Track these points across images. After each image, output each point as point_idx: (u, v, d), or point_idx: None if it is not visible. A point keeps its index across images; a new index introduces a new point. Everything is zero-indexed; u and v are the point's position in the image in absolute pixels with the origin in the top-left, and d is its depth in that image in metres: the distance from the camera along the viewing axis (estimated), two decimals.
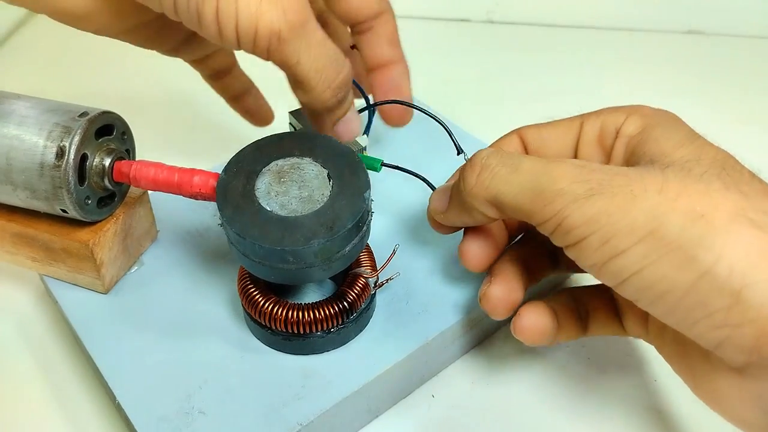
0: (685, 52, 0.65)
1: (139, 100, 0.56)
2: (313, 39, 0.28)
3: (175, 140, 0.52)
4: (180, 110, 0.55)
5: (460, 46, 0.67)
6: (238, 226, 0.27)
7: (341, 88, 0.29)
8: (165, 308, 0.33)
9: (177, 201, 0.36)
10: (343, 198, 0.28)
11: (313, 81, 0.28)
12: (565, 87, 0.60)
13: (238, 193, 0.28)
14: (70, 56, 0.62)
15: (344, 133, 0.32)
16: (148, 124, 0.53)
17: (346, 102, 0.31)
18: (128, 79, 0.59)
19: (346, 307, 0.30)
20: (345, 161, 0.29)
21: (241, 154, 0.29)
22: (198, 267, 0.35)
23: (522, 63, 0.64)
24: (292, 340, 0.30)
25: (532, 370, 0.35)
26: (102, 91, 0.57)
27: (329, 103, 0.30)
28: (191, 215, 0.39)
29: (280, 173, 0.29)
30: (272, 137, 0.30)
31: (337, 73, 0.29)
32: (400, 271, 0.34)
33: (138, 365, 0.30)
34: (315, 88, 0.29)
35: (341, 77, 0.29)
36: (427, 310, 0.33)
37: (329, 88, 0.29)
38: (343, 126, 0.32)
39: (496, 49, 0.66)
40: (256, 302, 0.30)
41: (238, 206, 0.28)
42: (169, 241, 0.37)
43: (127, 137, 0.33)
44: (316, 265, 0.28)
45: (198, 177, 0.30)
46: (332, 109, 0.30)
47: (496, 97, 0.59)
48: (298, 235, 0.27)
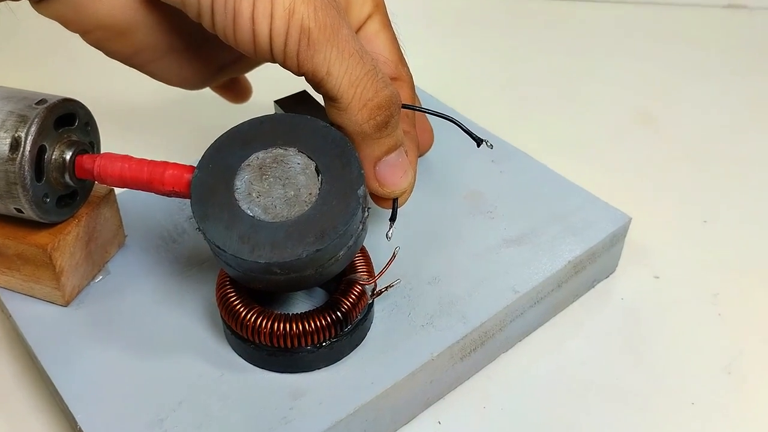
0: (725, 27, 0.66)
1: (105, 86, 0.56)
2: (347, 47, 0.28)
3: (147, 131, 0.52)
4: (153, 96, 0.55)
5: (460, 23, 0.68)
6: (216, 236, 0.27)
7: (381, 110, 0.29)
8: (134, 322, 0.33)
9: (148, 200, 0.36)
10: (333, 197, 0.28)
11: (346, 95, 0.28)
12: (595, 65, 0.60)
13: (215, 194, 0.28)
14: (29, 42, 0.63)
15: (387, 179, 0.30)
16: (115, 114, 0.54)
17: (387, 130, 0.30)
18: (93, 64, 0.59)
19: (339, 318, 0.31)
20: (335, 150, 0.29)
21: (217, 145, 0.29)
22: (171, 276, 0.36)
23: (543, 40, 0.64)
24: (279, 356, 0.31)
25: (554, 391, 0.35)
26: (64, 79, 0.58)
27: (365, 127, 0.29)
28: (164, 216, 0.39)
29: (262, 168, 0.29)
30: (252, 123, 0.30)
31: (376, 90, 0.29)
32: (401, 277, 0.34)
33: (103, 387, 0.30)
34: (348, 104, 0.29)
35: (382, 96, 0.29)
36: (432, 322, 0.33)
37: (365, 107, 0.29)
38: (385, 169, 0.30)
39: (509, 27, 0.67)
40: (237, 313, 0.31)
41: (216, 212, 0.28)
42: (139, 247, 0.37)
43: (91, 128, 0.34)
44: (305, 273, 0.28)
45: (171, 172, 0.30)
46: (370, 137, 0.29)
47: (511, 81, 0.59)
48: (285, 246, 0.27)
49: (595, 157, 0.51)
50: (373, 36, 0.34)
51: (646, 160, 0.51)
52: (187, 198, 0.29)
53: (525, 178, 0.42)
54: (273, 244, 0.27)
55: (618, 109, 0.56)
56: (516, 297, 0.35)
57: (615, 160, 0.50)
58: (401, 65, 0.35)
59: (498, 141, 0.44)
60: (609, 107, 0.56)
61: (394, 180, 0.31)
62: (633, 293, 0.40)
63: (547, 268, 0.36)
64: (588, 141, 0.52)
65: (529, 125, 0.54)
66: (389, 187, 0.31)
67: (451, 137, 0.38)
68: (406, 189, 0.31)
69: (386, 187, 0.31)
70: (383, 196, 0.31)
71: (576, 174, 0.42)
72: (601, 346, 0.37)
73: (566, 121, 0.55)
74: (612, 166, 0.50)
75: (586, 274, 0.39)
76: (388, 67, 0.34)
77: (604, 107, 0.56)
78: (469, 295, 0.35)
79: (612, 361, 0.36)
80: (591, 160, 0.50)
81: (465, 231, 0.38)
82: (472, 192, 0.41)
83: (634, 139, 0.53)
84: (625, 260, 0.41)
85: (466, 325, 0.33)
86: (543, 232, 0.38)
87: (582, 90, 0.58)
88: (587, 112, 0.56)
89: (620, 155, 0.51)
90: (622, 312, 0.39)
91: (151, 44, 0.32)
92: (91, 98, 0.35)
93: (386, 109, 0.29)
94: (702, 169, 0.50)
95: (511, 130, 0.46)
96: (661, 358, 0.37)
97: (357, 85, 0.29)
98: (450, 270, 0.36)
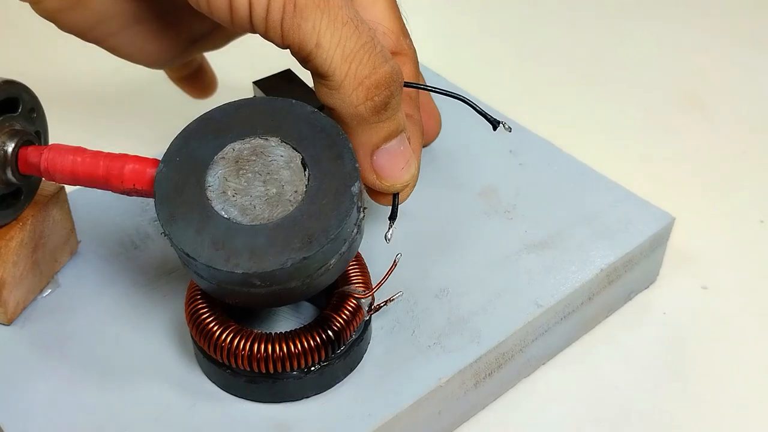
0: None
1: (54, 66, 0.56)
2: (340, 14, 0.28)
3: (103, 118, 0.52)
4: (111, 77, 0.55)
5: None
6: (184, 242, 0.27)
7: (380, 89, 0.29)
8: (88, 343, 0.33)
9: (105, 200, 0.36)
10: (323, 195, 0.28)
11: (339, 72, 0.28)
12: (630, 36, 0.60)
13: (184, 193, 0.28)
14: None
15: (386, 170, 0.30)
16: (67, 99, 0.54)
17: (387, 113, 0.29)
18: (40, 40, 0.59)
19: (331, 337, 0.30)
20: (325, 140, 0.29)
21: (185, 135, 0.29)
22: (133, 288, 0.35)
23: (567, 6, 0.64)
24: (260, 383, 0.30)
25: (585, 422, 0.34)
26: (4, 58, 0.58)
27: (361, 109, 0.29)
28: (124, 219, 0.38)
29: (239, 162, 0.29)
30: (227, 108, 0.30)
31: (375, 66, 0.28)
32: (403, 289, 0.34)
33: (52, 420, 0.30)
34: (341, 82, 0.28)
35: (381, 73, 0.29)
36: (441, 342, 0.33)
37: (361, 85, 0.28)
38: (384, 159, 0.30)
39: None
40: (210, 332, 0.30)
41: (185, 213, 0.28)
42: (95, 254, 0.37)
43: (38, 116, 0.34)
44: (290, 285, 0.28)
45: (131, 166, 0.30)
46: (367, 121, 0.29)
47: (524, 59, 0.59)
48: (266, 253, 0.27)
49: (631, 146, 0.51)
50: (370, 3, 0.33)
51: (693, 151, 0.51)
52: (150, 197, 0.29)
53: (549, 171, 0.42)
54: (252, 251, 0.27)
55: (659, 90, 0.56)
56: (539, 312, 0.34)
57: (655, 151, 0.50)
58: (403, 37, 0.34)
59: (516, 127, 0.44)
60: (648, 87, 0.56)
61: (394, 171, 0.31)
62: (677, 306, 0.40)
63: (575, 278, 0.36)
64: (623, 127, 0.53)
65: (553, 109, 0.54)
66: (389, 179, 0.31)
67: (461, 122, 0.38)
68: (408, 182, 0.31)
69: (385, 180, 0.31)
70: (382, 190, 0.31)
71: (609, 167, 0.42)
72: (640, 368, 0.37)
73: (596, 103, 0.55)
74: (652, 157, 0.50)
75: (622, 285, 0.39)
76: (387, 39, 0.33)
77: (642, 87, 0.56)
78: (483, 310, 0.34)
79: (652, 387, 0.36)
80: (626, 150, 0.50)
81: (479, 234, 0.38)
82: (487, 188, 0.41)
83: (677, 125, 0.53)
84: (668, 268, 0.41)
85: (480, 346, 0.33)
86: (571, 235, 0.38)
87: (615, 66, 0.58)
88: (622, 92, 0.56)
89: (661, 144, 0.51)
90: (664, 329, 0.39)
91: (113, 13, 0.32)
92: (37, 80, 0.35)
93: (386, 87, 0.29)
94: (758, 161, 0.50)
95: (532, 115, 0.46)
96: (710, 383, 0.36)
97: (352, 60, 0.28)
98: (461, 280, 0.36)
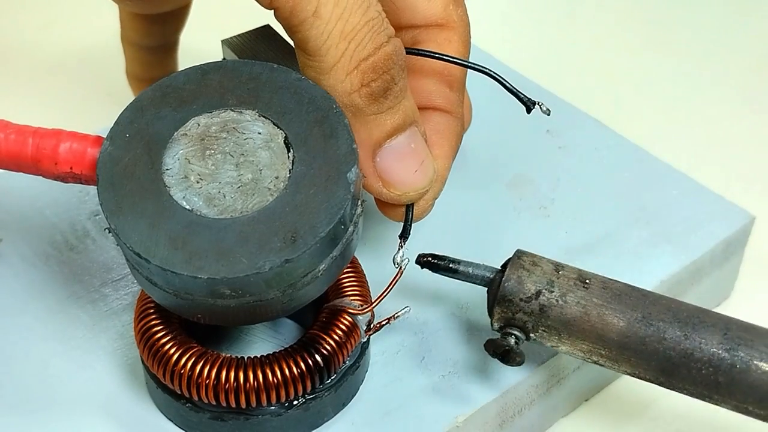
0: None
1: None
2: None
3: (33, 85, 0.52)
4: (43, 33, 0.55)
5: None
6: (135, 239, 0.27)
7: (377, 73, 0.29)
8: (10, 370, 0.33)
9: (33, 187, 0.36)
10: (311, 182, 0.28)
11: (333, 51, 0.29)
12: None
13: (134, 178, 0.28)
14: None
15: (394, 174, 0.30)
16: None
17: (388, 102, 0.30)
18: None
19: (318, 363, 0.31)
20: (315, 114, 0.29)
21: (137, 105, 0.30)
22: (67, 300, 0.36)
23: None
24: (228, 421, 0.31)
25: None
26: None
27: (355, 98, 0.29)
28: (57, 212, 0.39)
29: (205, 140, 0.29)
30: (189, 73, 0.30)
31: (375, 46, 0.29)
32: (411, 304, 0.34)
33: None
34: (334, 65, 0.29)
35: (381, 54, 0.29)
36: (457, 371, 0.33)
37: (358, 69, 0.29)
38: (390, 159, 0.30)
39: None
40: (165, 356, 0.31)
41: (135, 203, 0.28)
42: (18, 257, 0.37)
43: None
44: (268, 296, 0.28)
45: (68, 144, 0.30)
46: (363, 112, 0.30)
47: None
48: (238, 254, 0.27)
49: (700, 132, 0.51)
50: None
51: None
52: (92, 183, 0.30)
53: (596, 157, 0.42)
54: (220, 251, 0.27)
55: (735, 65, 0.56)
56: None
57: (730, 138, 0.51)
58: (454, 5, 0.34)
59: (557, 103, 0.44)
60: (721, 61, 0.56)
61: (404, 176, 0.31)
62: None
63: None
64: (692, 106, 0.53)
65: (602, 82, 0.54)
66: (398, 186, 0.31)
67: (488, 101, 0.38)
68: (424, 189, 0.31)
69: (393, 187, 0.31)
70: (390, 200, 0.31)
71: (672, 153, 0.42)
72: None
73: (657, 78, 0.55)
74: (725, 145, 0.50)
75: (689, 299, 0.38)
76: (432, 6, 0.33)
77: (715, 61, 0.56)
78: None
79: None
80: (695, 135, 0.50)
81: (507, 235, 0.39)
82: (518, 177, 0.41)
83: (758, 108, 0.53)
84: (746, 279, 0.42)
85: (506, 377, 0.33)
86: (623, 237, 0.39)
87: (681, 34, 0.58)
88: (689, 66, 0.56)
89: (738, 131, 0.51)
90: None
91: None
92: None
93: (384, 70, 0.29)
94: None
95: (576, 90, 0.46)
96: None
97: (351, 38, 0.29)
98: (484, 294, 0.35)
